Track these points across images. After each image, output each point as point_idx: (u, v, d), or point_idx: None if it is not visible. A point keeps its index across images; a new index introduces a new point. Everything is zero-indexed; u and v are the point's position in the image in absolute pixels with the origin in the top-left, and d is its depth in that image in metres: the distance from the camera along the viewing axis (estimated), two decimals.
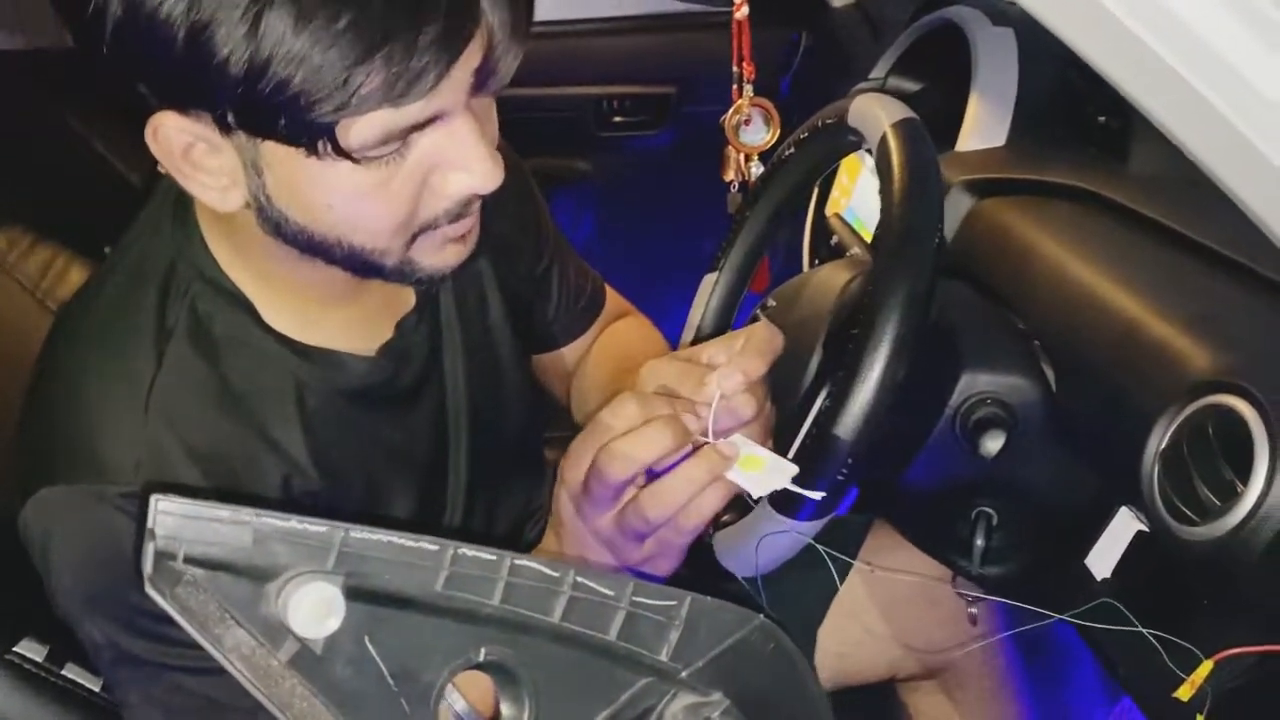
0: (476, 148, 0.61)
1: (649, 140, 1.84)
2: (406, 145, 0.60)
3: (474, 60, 0.58)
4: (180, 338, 0.67)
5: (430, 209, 0.64)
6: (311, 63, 0.52)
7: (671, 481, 0.60)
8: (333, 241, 0.63)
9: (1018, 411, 0.83)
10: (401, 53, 0.54)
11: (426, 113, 0.58)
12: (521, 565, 0.43)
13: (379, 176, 0.60)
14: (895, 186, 0.73)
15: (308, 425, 0.70)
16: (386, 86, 0.54)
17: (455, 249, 0.67)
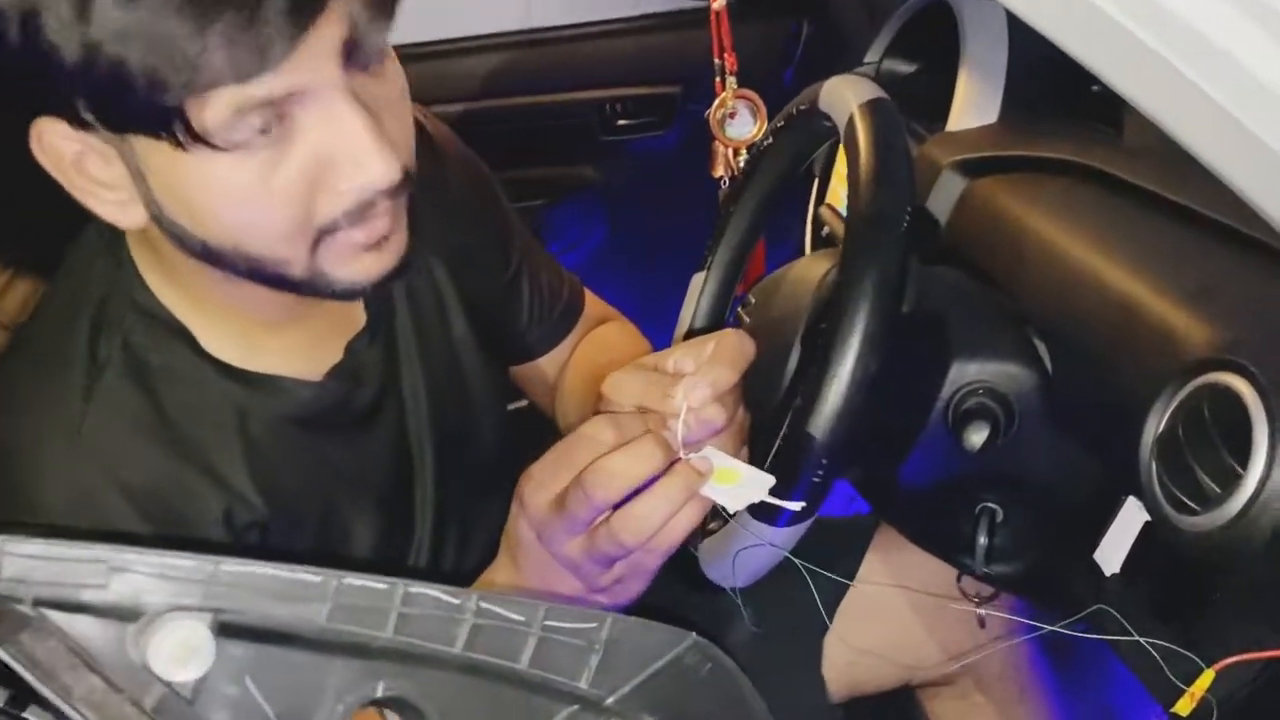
0: (362, 135, 0.57)
1: (656, 141, 1.81)
2: (284, 132, 0.57)
3: (335, 32, 0.55)
4: (113, 372, 0.65)
5: (326, 210, 0.60)
6: (145, 38, 0.50)
7: (647, 502, 0.57)
8: (229, 250, 0.60)
9: (1013, 401, 0.78)
10: (243, 23, 0.51)
11: (284, 87, 0.54)
12: (417, 594, 0.40)
13: (258, 172, 0.57)
14: (862, 169, 0.69)
15: (251, 454, 0.68)
16: (230, 60, 0.51)
17: (373, 259, 0.63)
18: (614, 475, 0.56)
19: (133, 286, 0.67)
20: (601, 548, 0.58)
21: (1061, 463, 0.79)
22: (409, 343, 0.79)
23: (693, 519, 0.59)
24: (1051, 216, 0.82)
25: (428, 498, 0.79)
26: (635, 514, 0.57)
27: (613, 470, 0.56)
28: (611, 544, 0.57)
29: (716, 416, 0.62)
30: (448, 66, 1.73)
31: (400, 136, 0.62)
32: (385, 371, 0.77)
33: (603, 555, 0.58)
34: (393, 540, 0.76)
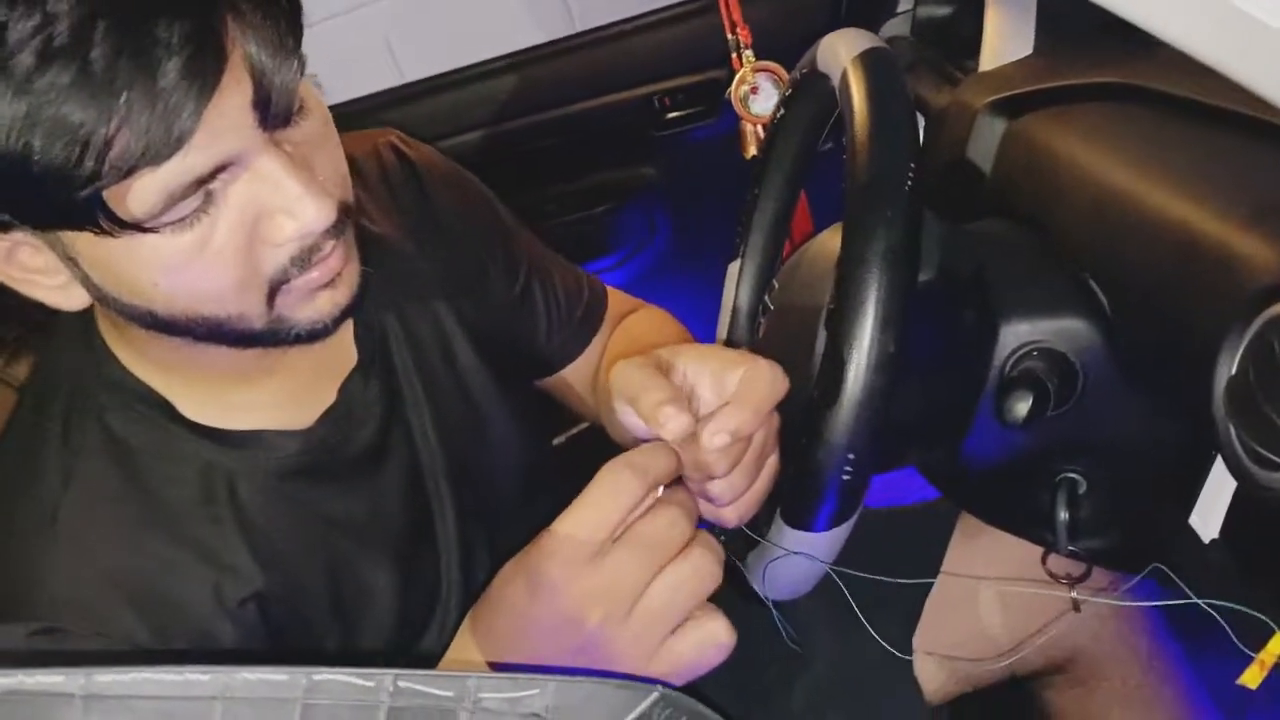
0: (290, 187, 0.55)
1: (709, 130, 1.75)
2: (211, 200, 0.54)
3: (241, 95, 0.52)
4: (90, 455, 0.63)
5: (272, 262, 0.58)
6: (45, 127, 0.47)
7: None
8: (183, 318, 0.58)
9: (1074, 359, 0.70)
10: (140, 106, 0.48)
11: (210, 163, 0.52)
12: (323, 681, 0.35)
13: (191, 241, 0.54)
14: (856, 128, 0.63)
15: (243, 520, 0.65)
16: (136, 147, 0.49)
17: (328, 295, 0.61)
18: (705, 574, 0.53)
19: (105, 364, 0.65)
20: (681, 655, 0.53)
21: (1140, 421, 0.71)
22: (410, 378, 0.75)
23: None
24: (1096, 147, 0.73)
25: (451, 539, 0.75)
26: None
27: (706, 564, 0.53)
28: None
29: (717, 464, 0.60)
30: (485, 88, 1.71)
31: (330, 172, 0.60)
32: (386, 410, 0.73)
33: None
34: (418, 589, 0.73)
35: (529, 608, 0.52)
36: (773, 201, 0.91)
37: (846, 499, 0.61)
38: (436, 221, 0.80)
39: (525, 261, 0.87)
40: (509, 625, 0.53)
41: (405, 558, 0.72)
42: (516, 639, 0.53)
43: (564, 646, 0.51)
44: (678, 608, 0.52)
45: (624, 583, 0.51)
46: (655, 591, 0.51)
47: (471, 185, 0.86)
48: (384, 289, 0.74)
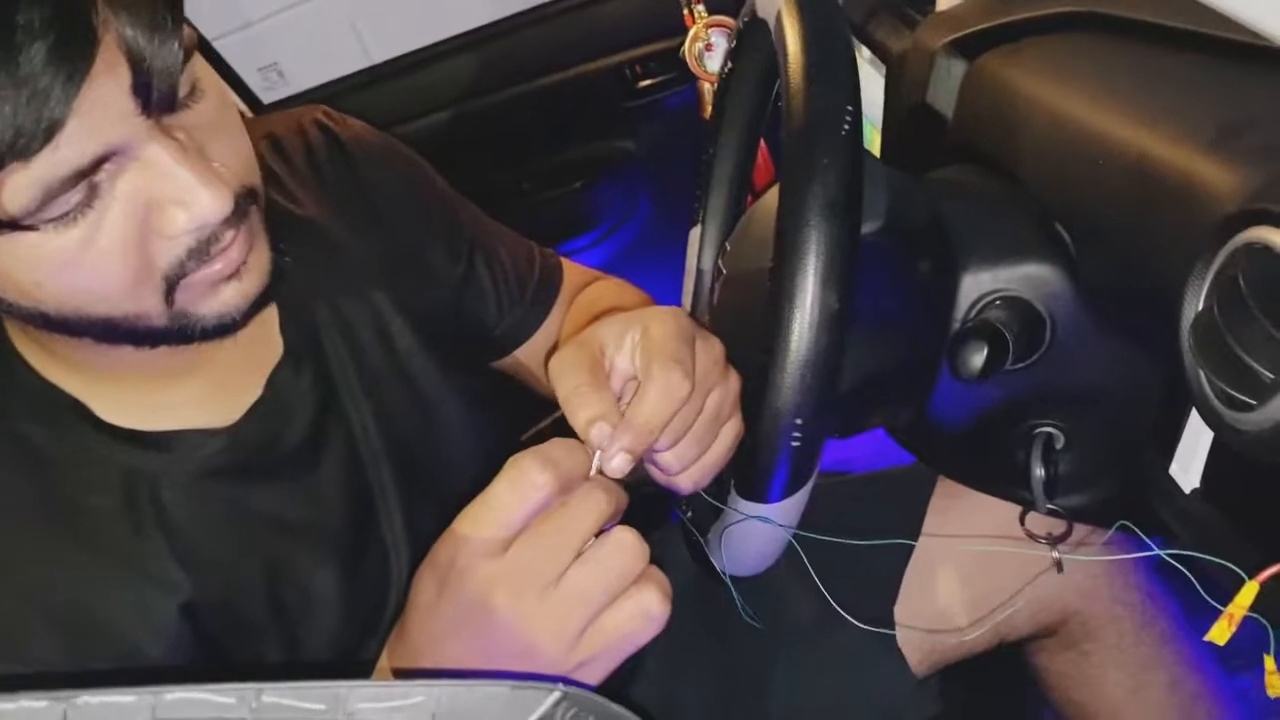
0: (181, 175, 0.51)
1: (683, 95, 1.70)
2: (96, 194, 0.51)
3: (117, 80, 0.48)
4: (1, 465, 0.60)
5: (168, 256, 0.54)
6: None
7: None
8: (75, 318, 0.54)
9: (1040, 306, 0.66)
10: (4, 93, 0.45)
11: (89, 153, 0.49)
12: (175, 700, 0.32)
13: (77, 238, 0.51)
14: (789, 72, 0.59)
15: (168, 526, 0.62)
16: (3, 138, 0.45)
17: (234, 288, 0.57)
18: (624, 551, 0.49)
19: (14, 370, 0.62)
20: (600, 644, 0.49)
21: (1114, 369, 0.67)
22: (344, 367, 0.72)
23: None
24: (1053, 81, 0.69)
25: (399, 535, 0.72)
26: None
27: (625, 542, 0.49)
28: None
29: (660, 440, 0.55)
30: (453, 65, 1.67)
31: (231, 157, 0.56)
32: (320, 402, 0.70)
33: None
34: (363, 584, 0.69)
35: (436, 604, 0.49)
36: (728, 160, 0.87)
37: (798, 466, 0.57)
38: (368, 200, 0.77)
39: (468, 238, 0.83)
40: (419, 628, 0.50)
41: (349, 556, 0.69)
42: (428, 641, 0.50)
43: (476, 640, 0.48)
44: (601, 586, 0.48)
45: (534, 564, 0.47)
46: (573, 571, 0.48)
47: (407, 160, 0.82)
48: (311, 274, 0.70)
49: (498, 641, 0.47)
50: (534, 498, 0.48)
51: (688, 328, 0.58)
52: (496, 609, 0.47)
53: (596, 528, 0.49)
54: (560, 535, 0.48)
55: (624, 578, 0.48)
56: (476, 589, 0.48)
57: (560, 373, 0.55)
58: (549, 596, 0.47)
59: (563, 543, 0.48)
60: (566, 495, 0.49)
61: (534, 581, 0.47)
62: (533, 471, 0.48)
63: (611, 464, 0.52)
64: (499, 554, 0.48)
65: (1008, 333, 0.63)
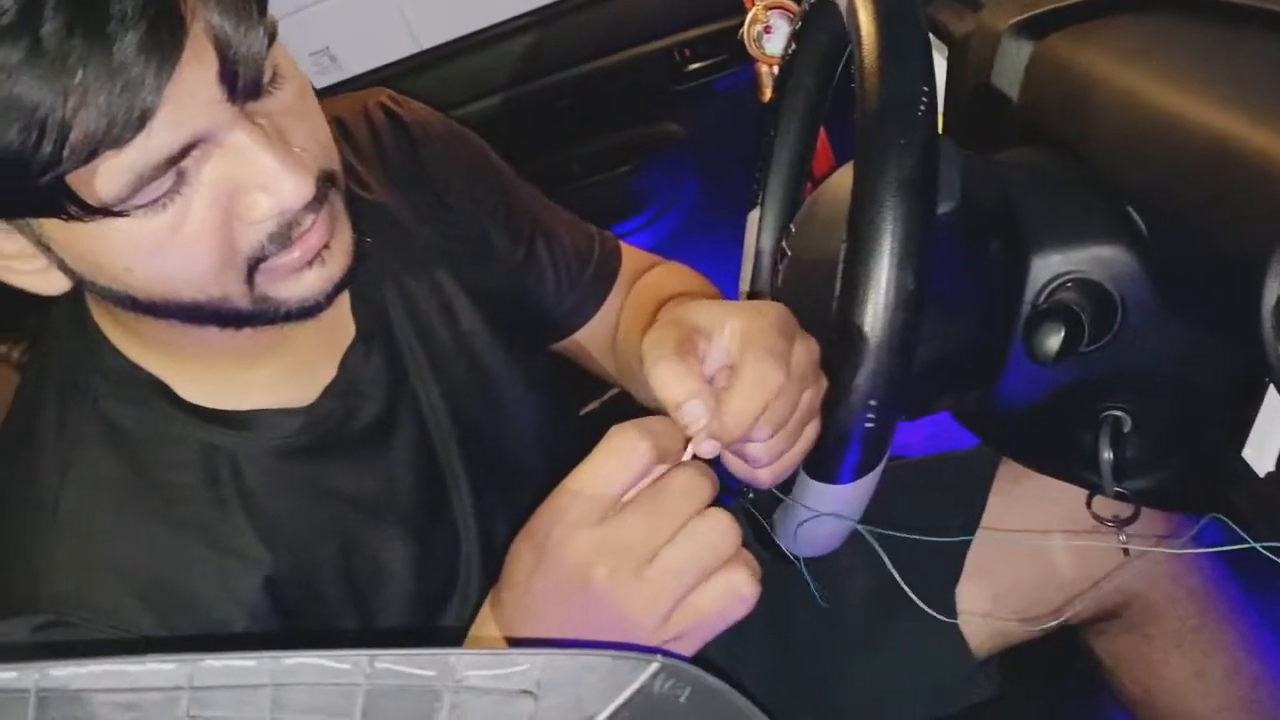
0: (265, 161, 0.52)
1: (732, 80, 1.70)
2: (184, 180, 0.52)
3: (205, 68, 0.49)
4: (87, 444, 0.61)
5: (249, 240, 0.55)
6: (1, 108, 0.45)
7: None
8: (162, 302, 0.56)
9: (1111, 288, 0.66)
10: (99, 83, 0.45)
11: (179, 141, 0.49)
12: (295, 665, 0.33)
13: (165, 224, 0.52)
14: (864, 54, 0.59)
15: (248, 503, 0.63)
16: (97, 127, 0.46)
17: (317, 272, 0.58)
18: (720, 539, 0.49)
19: (98, 349, 0.63)
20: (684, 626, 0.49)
21: (1186, 351, 0.66)
22: (413, 346, 0.73)
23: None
24: (1126, 62, 0.69)
25: (468, 512, 0.73)
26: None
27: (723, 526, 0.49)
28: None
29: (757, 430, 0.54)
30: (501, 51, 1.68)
31: (310, 142, 0.57)
32: (391, 381, 0.71)
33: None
34: (434, 563, 0.71)
35: (533, 574, 0.49)
36: (789, 143, 0.87)
37: (871, 448, 0.58)
38: (431, 182, 0.78)
39: (528, 219, 0.84)
40: (517, 596, 0.51)
41: (420, 533, 0.70)
42: (525, 609, 0.50)
43: (571, 611, 0.48)
44: (696, 564, 0.48)
45: (632, 539, 0.47)
46: (669, 549, 0.47)
47: (468, 142, 0.83)
48: (380, 257, 0.71)
49: (592, 613, 0.48)
50: (635, 465, 0.48)
51: (789, 323, 0.56)
52: (593, 581, 0.47)
53: (697, 508, 0.48)
54: (660, 512, 0.48)
55: (717, 557, 0.48)
56: (574, 560, 0.48)
57: (653, 351, 0.53)
58: (644, 572, 0.47)
59: (662, 520, 0.47)
60: (662, 469, 0.49)
61: (631, 556, 0.47)
62: (635, 439, 0.48)
63: (700, 447, 0.51)
64: (596, 525, 0.48)
65: (1082, 314, 0.62)
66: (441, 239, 0.76)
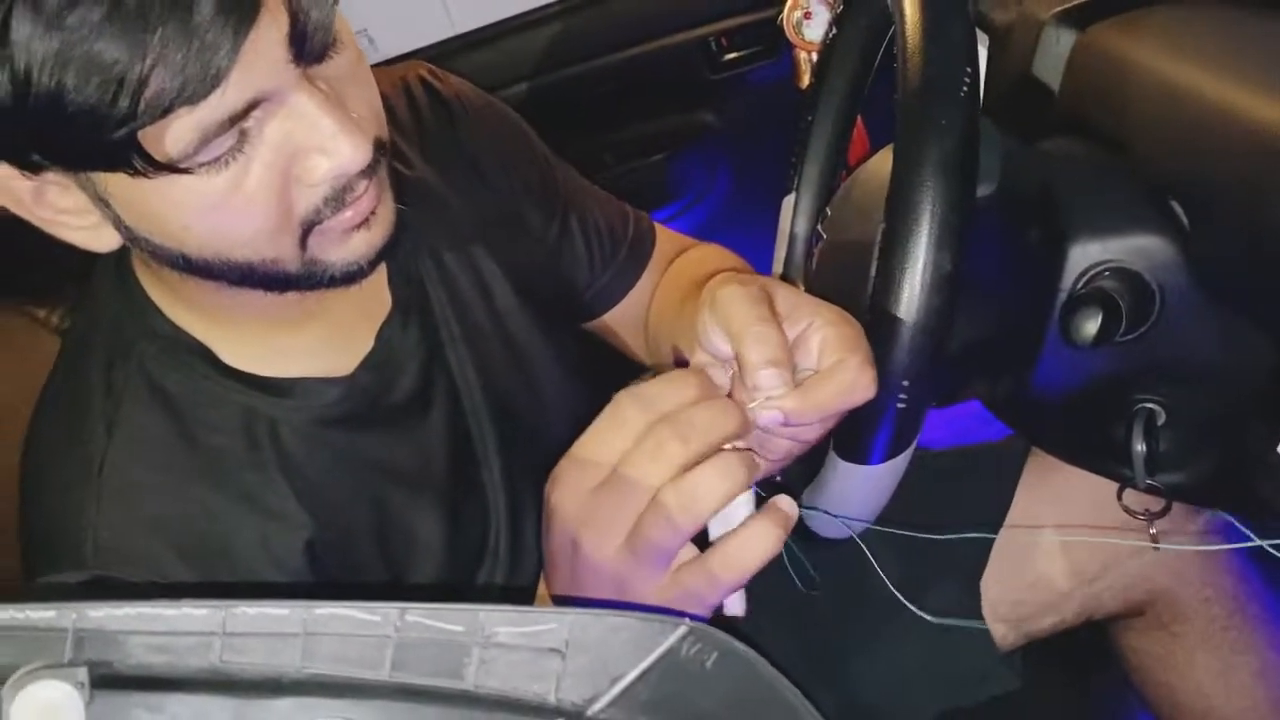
0: (325, 124, 0.53)
1: (768, 71, 1.69)
2: (246, 139, 0.52)
3: (277, 29, 0.50)
4: (131, 403, 0.62)
5: (305, 202, 0.56)
6: (75, 70, 0.46)
7: (743, 547, 0.48)
8: (215, 261, 0.56)
9: (1149, 278, 0.65)
10: (176, 43, 0.46)
11: (243, 100, 0.50)
12: (325, 615, 0.34)
13: (225, 182, 0.53)
14: (907, 35, 0.59)
15: (287, 467, 0.64)
16: (172, 85, 0.47)
17: (362, 236, 0.59)
18: (699, 499, 0.47)
19: (143, 311, 0.64)
20: (690, 585, 0.49)
21: (1223, 345, 0.66)
22: (448, 320, 0.73)
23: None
24: (1170, 52, 0.68)
25: (496, 480, 0.73)
26: (733, 552, 0.48)
27: (698, 493, 0.47)
28: (705, 581, 0.49)
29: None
30: (537, 36, 1.68)
31: (366, 109, 0.57)
32: (426, 354, 0.72)
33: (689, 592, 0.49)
34: (465, 532, 0.71)
35: (545, 538, 0.50)
36: (827, 128, 0.87)
37: (903, 428, 0.57)
38: (469, 157, 0.78)
39: (564, 197, 0.84)
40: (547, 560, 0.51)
41: (452, 505, 0.70)
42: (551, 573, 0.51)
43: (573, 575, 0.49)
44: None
45: (611, 509, 0.47)
46: (647, 516, 0.47)
47: (505, 118, 0.83)
48: (417, 231, 0.72)
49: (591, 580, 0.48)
50: (624, 433, 0.48)
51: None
52: (581, 549, 0.48)
53: (676, 468, 0.47)
54: (633, 481, 0.47)
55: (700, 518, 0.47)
56: (563, 529, 0.49)
57: (731, 304, 0.52)
58: (628, 545, 0.47)
59: (638, 485, 0.47)
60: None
61: (612, 528, 0.47)
62: (625, 407, 0.48)
63: (763, 414, 0.50)
64: (585, 495, 0.48)
65: (1120, 302, 0.62)
66: (478, 214, 0.77)
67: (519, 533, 0.74)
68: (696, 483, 0.47)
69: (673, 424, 0.48)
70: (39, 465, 0.64)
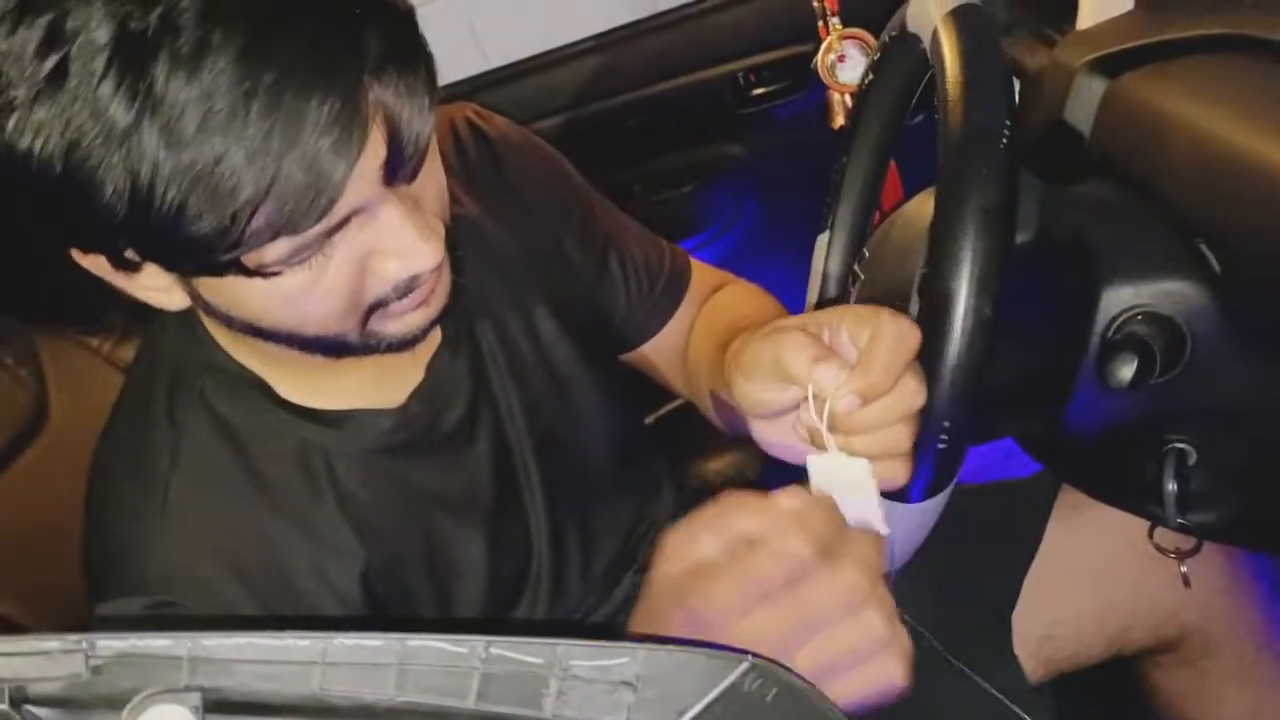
0: (404, 234, 0.56)
1: (796, 106, 1.72)
2: (329, 242, 0.55)
3: (376, 157, 0.52)
4: (194, 433, 0.65)
5: (374, 291, 0.59)
6: (196, 199, 0.48)
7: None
8: (283, 334, 0.60)
9: (1181, 322, 0.67)
10: (288, 182, 0.49)
11: (337, 219, 0.53)
12: (417, 647, 0.36)
13: (307, 278, 0.56)
14: (948, 84, 0.61)
15: (342, 497, 0.66)
16: (281, 218, 0.50)
17: (421, 313, 0.62)
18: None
19: (205, 347, 0.67)
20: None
21: (1253, 387, 0.67)
22: (494, 353, 0.76)
23: None
24: (1202, 101, 0.70)
25: (539, 508, 0.76)
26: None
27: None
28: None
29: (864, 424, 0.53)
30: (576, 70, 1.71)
31: (438, 204, 0.61)
32: (473, 386, 0.74)
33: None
34: (508, 559, 0.74)
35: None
36: (862, 169, 0.89)
37: (942, 468, 0.59)
38: (513, 194, 0.81)
39: (602, 232, 0.87)
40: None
41: (497, 532, 0.73)
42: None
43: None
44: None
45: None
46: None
47: (547, 156, 0.86)
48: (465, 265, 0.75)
49: None
50: (724, 535, 0.47)
51: None
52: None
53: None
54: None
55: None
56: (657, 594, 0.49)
57: (775, 341, 0.53)
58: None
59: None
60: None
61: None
62: (737, 517, 0.47)
63: (841, 402, 0.50)
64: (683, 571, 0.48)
65: (1155, 346, 0.64)
66: (522, 248, 0.79)
67: (561, 559, 0.76)
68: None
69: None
70: (105, 492, 0.67)
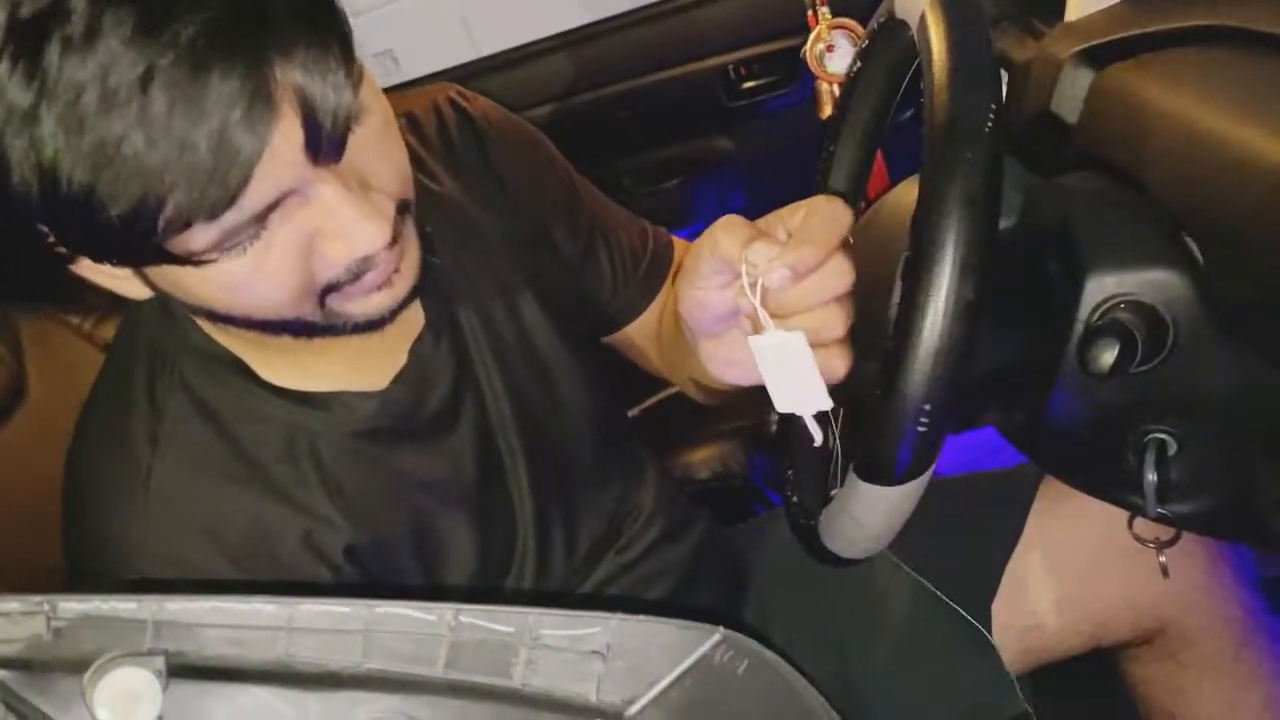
0: (342, 214, 0.54)
1: (786, 99, 1.72)
2: (264, 225, 0.54)
3: (293, 135, 0.51)
4: (175, 414, 0.65)
5: (324, 275, 0.58)
6: (101, 190, 0.48)
7: None
8: (242, 318, 0.59)
9: (1163, 310, 0.67)
10: (197, 165, 0.48)
11: (263, 203, 0.52)
12: (385, 614, 0.36)
13: (247, 265, 0.55)
14: (935, 70, 0.61)
15: (327, 477, 0.66)
16: (192, 203, 0.49)
17: (385, 294, 0.61)
18: None
19: (182, 327, 0.66)
20: None
21: (1235, 378, 0.68)
22: (477, 336, 0.75)
23: None
24: (1187, 92, 0.70)
25: (524, 492, 0.76)
26: None
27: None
28: None
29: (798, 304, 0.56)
30: (558, 61, 1.71)
31: (390, 177, 0.59)
32: (457, 370, 0.74)
33: None
34: (494, 543, 0.73)
35: None
36: (849, 157, 0.89)
37: (922, 451, 0.59)
38: (496, 176, 0.80)
39: (588, 216, 0.86)
40: None
41: (481, 515, 0.73)
42: None
43: None
44: None
45: None
46: None
47: (532, 137, 0.86)
48: (447, 248, 0.74)
49: None
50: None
51: None
52: None
53: None
54: None
55: None
56: None
57: (710, 232, 0.57)
58: None
59: None
60: None
61: None
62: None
63: (773, 276, 0.53)
64: None
65: (1137, 333, 0.64)
66: (507, 233, 0.79)
67: (545, 541, 0.76)
68: None
69: None
70: (85, 476, 0.66)
